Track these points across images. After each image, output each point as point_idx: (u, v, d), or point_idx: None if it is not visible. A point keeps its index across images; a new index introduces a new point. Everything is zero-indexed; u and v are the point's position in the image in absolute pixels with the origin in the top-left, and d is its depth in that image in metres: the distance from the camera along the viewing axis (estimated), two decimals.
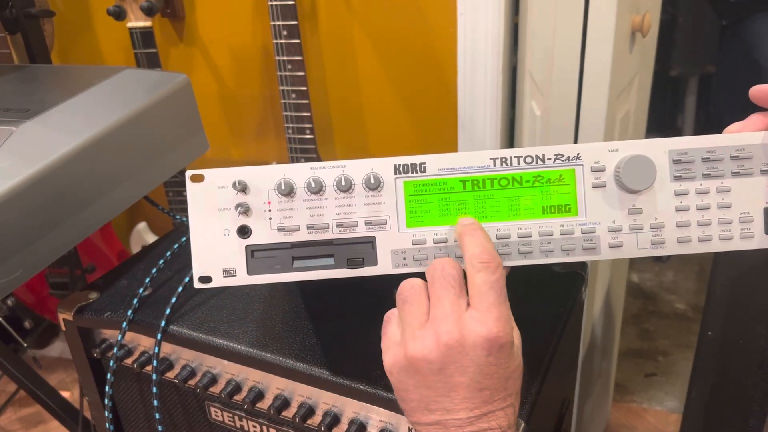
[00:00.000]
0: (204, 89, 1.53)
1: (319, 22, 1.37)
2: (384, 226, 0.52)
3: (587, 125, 1.07)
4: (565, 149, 0.52)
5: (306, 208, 0.52)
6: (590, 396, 1.45)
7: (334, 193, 0.52)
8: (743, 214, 0.52)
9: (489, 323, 0.45)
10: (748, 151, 0.51)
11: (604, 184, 0.52)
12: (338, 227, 0.52)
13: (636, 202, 0.52)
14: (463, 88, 1.29)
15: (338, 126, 1.47)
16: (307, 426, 0.66)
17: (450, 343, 0.45)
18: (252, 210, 0.52)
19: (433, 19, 1.29)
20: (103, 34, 1.57)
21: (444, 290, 0.47)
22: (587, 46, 1.01)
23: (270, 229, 0.52)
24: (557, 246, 0.52)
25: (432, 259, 0.52)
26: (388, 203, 0.52)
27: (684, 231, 0.52)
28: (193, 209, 0.52)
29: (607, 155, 0.52)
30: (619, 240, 0.52)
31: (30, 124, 0.66)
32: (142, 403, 0.78)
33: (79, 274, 1.35)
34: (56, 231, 0.65)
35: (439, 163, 0.52)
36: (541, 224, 0.52)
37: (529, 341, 0.66)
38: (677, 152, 0.51)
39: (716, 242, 0.52)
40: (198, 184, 0.52)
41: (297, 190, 0.52)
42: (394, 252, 0.52)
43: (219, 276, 0.53)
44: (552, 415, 0.76)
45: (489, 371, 0.45)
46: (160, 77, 0.79)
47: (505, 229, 0.52)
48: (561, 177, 0.52)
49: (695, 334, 1.02)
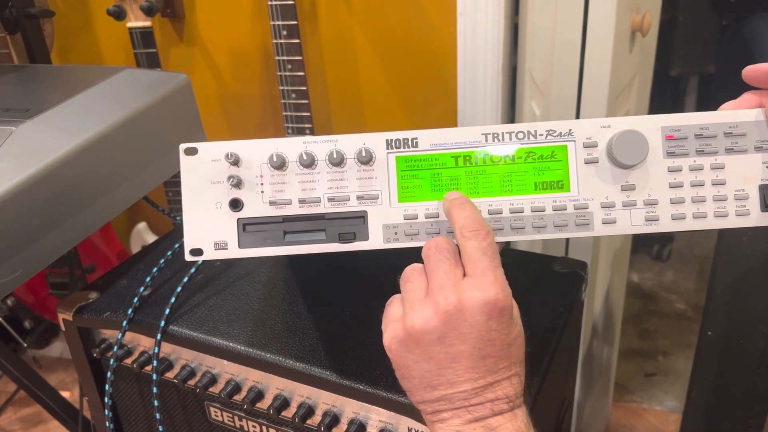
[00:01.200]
0: (204, 89, 1.53)
1: (319, 22, 1.37)
2: (375, 200, 0.52)
3: None
4: (557, 125, 0.52)
5: (298, 182, 0.52)
6: (590, 396, 1.45)
7: (326, 167, 0.52)
8: (738, 191, 0.51)
9: (486, 287, 0.44)
10: (742, 128, 0.51)
11: (596, 159, 0.52)
12: (330, 201, 0.52)
13: (629, 178, 0.51)
14: (463, 88, 1.29)
15: (338, 126, 1.47)
16: (307, 426, 0.66)
17: (448, 309, 0.44)
18: (244, 183, 0.52)
19: (433, 19, 1.29)
20: (103, 34, 1.57)
21: (438, 263, 0.47)
22: (587, 46, 1.01)
23: (262, 202, 0.52)
24: (550, 222, 0.52)
25: (424, 234, 0.52)
26: (380, 178, 0.52)
27: (678, 208, 0.51)
28: (185, 182, 0.52)
29: (599, 131, 0.52)
30: (612, 216, 0.52)
31: (30, 124, 0.66)
32: (142, 403, 0.78)
33: (79, 274, 1.35)
34: (56, 231, 0.65)
35: (431, 138, 0.52)
36: (534, 200, 0.52)
37: (529, 341, 0.66)
38: (670, 128, 0.51)
39: (711, 219, 0.51)
40: (191, 156, 0.52)
41: (289, 163, 0.52)
42: (385, 227, 0.52)
43: (210, 249, 0.53)
44: (552, 415, 0.76)
45: (490, 337, 0.45)
46: (160, 77, 0.79)
47: (497, 205, 0.52)
48: (553, 153, 0.52)
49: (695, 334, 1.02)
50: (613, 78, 1.02)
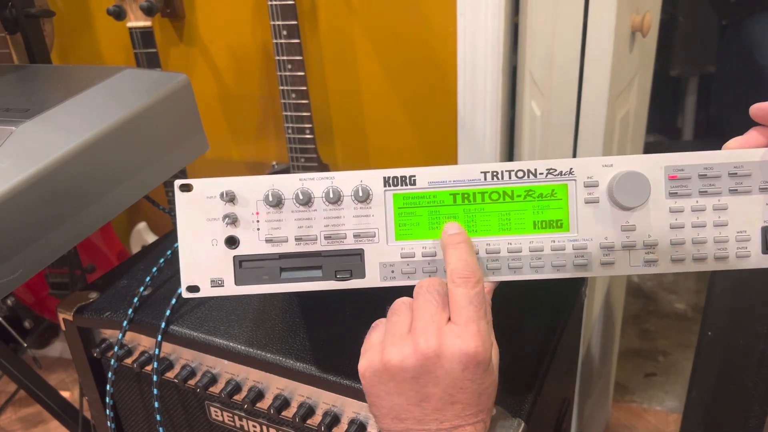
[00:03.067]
0: (204, 89, 1.53)
1: (319, 22, 1.37)
2: (372, 238, 0.52)
3: (587, 125, 1.07)
4: (558, 164, 0.51)
5: (294, 220, 0.52)
6: (590, 396, 1.45)
7: (322, 204, 0.52)
8: (740, 232, 0.50)
9: (467, 337, 0.45)
10: (747, 168, 0.50)
11: (597, 199, 0.51)
12: (326, 239, 0.52)
13: (629, 219, 0.50)
14: (463, 87, 1.29)
15: (338, 126, 1.47)
16: (307, 426, 0.66)
17: (427, 352, 0.45)
18: (240, 220, 0.52)
19: (433, 19, 1.29)
20: (103, 34, 1.57)
21: (426, 303, 0.47)
22: (587, 46, 1.01)
23: (258, 239, 0.52)
24: (548, 262, 0.51)
25: (421, 273, 0.52)
26: (377, 216, 0.52)
27: (678, 249, 0.51)
28: (181, 218, 0.52)
29: (600, 170, 0.50)
30: (611, 257, 0.51)
31: (30, 124, 0.66)
32: (142, 403, 0.78)
33: (79, 274, 1.35)
34: (56, 231, 0.65)
35: (429, 176, 0.51)
36: (532, 239, 0.52)
37: (529, 341, 0.66)
38: (673, 168, 0.50)
39: (711, 261, 0.51)
40: (187, 193, 0.52)
41: (285, 201, 0.51)
42: (382, 265, 0.52)
43: (207, 286, 0.53)
44: (552, 415, 0.76)
45: (463, 385, 0.45)
46: (160, 77, 0.79)
47: (495, 244, 0.52)
48: (553, 192, 0.51)
49: (695, 334, 1.02)
50: (613, 78, 1.02)
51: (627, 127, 1.20)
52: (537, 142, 1.18)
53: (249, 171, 1.61)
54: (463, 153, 1.35)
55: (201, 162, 1.69)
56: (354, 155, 1.49)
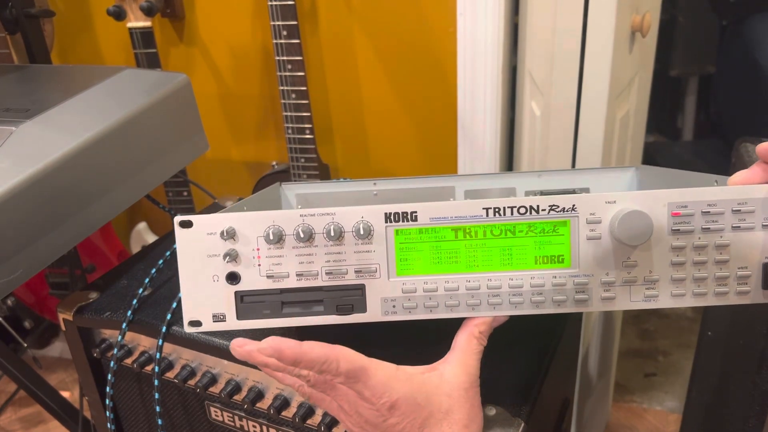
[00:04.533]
0: (204, 89, 1.53)
1: (319, 22, 1.37)
2: (374, 274, 0.52)
3: (587, 125, 1.07)
4: (561, 200, 0.50)
5: (295, 255, 0.52)
6: (590, 396, 1.45)
7: (323, 240, 0.51)
8: (741, 268, 0.50)
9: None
10: (751, 205, 0.49)
11: (599, 236, 0.50)
12: (328, 275, 0.52)
13: (631, 255, 0.50)
14: (463, 88, 1.29)
15: (338, 126, 1.47)
16: (307, 426, 0.66)
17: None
18: (241, 257, 0.52)
19: (433, 20, 1.29)
20: (103, 34, 1.57)
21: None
22: (587, 46, 1.01)
23: (259, 275, 0.52)
24: (548, 297, 0.51)
25: (422, 308, 0.52)
26: (378, 251, 0.52)
27: (678, 286, 0.50)
28: (182, 254, 0.52)
29: (603, 207, 0.50)
30: (611, 293, 0.51)
31: (30, 124, 0.66)
32: (142, 403, 0.78)
33: (79, 274, 1.35)
34: (56, 231, 0.65)
35: (430, 212, 0.51)
36: (533, 275, 0.51)
37: (530, 341, 0.66)
38: (677, 205, 0.49)
39: (711, 297, 0.51)
40: (186, 230, 0.52)
41: (286, 237, 0.51)
42: (383, 300, 0.52)
43: (209, 321, 0.53)
44: (552, 415, 0.76)
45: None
46: (160, 77, 0.79)
47: (496, 279, 0.52)
48: (555, 228, 0.51)
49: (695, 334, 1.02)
50: (613, 78, 1.02)
51: (627, 127, 1.20)
52: (537, 142, 1.18)
53: (249, 171, 1.61)
54: (463, 153, 1.35)
55: (201, 162, 1.69)
56: (354, 155, 1.49)
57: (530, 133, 1.22)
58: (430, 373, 0.51)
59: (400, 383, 0.49)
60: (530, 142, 1.23)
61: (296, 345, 0.48)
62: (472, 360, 0.52)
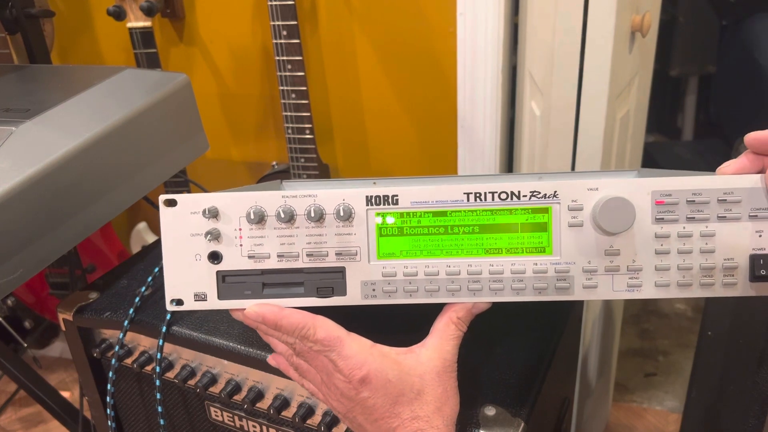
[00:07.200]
0: (204, 89, 1.53)
1: (319, 22, 1.37)
2: (354, 257, 0.52)
3: (587, 125, 1.07)
4: (542, 186, 0.50)
5: (276, 236, 0.52)
6: (590, 396, 1.45)
7: (305, 222, 0.52)
8: (727, 260, 0.49)
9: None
10: (737, 195, 0.48)
11: (581, 223, 0.50)
12: (309, 256, 0.52)
13: (613, 243, 0.49)
14: (463, 87, 1.29)
15: (338, 126, 1.47)
16: (307, 426, 0.66)
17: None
18: (223, 236, 0.52)
19: (433, 19, 1.29)
20: (103, 34, 1.57)
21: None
22: (587, 46, 1.01)
23: (240, 255, 0.52)
24: (529, 285, 0.51)
25: (402, 292, 0.52)
26: (359, 234, 0.52)
27: (663, 275, 0.50)
28: (165, 233, 0.52)
29: (585, 194, 0.49)
30: (593, 281, 0.50)
31: (30, 124, 0.66)
32: (142, 403, 0.78)
33: (79, 274, 1.35)
34: (56, 231, 0.65)
35: (411, 195, 0.51)
36: (514, 261, 0.51)
37: (529, 341, 0.66)
38: (661, 193, 0.49)
39: (696, 288, 0.49)
40: (170, 208, 0.52)
41: (268, 218, 0.52)
42: (363, 283, 0.52)
43: (190, 300, 0.53)
44: (552, 415, 0.76)
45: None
46: (160, 77, 0.79)
47: (476, 265, 0.51)
48: (536, 214, 0.51)
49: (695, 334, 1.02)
50: (613, 78, 1.02)
51: (627, 126, 1.20)
52: (537, 142, 1.18)
53: (249, 171, 1.61)
54: (463, 153, 1.35)
55: (201, 162, 1.69)
56: (354, 155, 1.49)
57: (530, 133, 1.22)
58: (406, 354, 0.52)
59: (373, 357, 0.50)
60: (530, 142, 1.23)
61: (278, 310, 0.51)
62: (448, 345, 0.52)
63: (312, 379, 0.54)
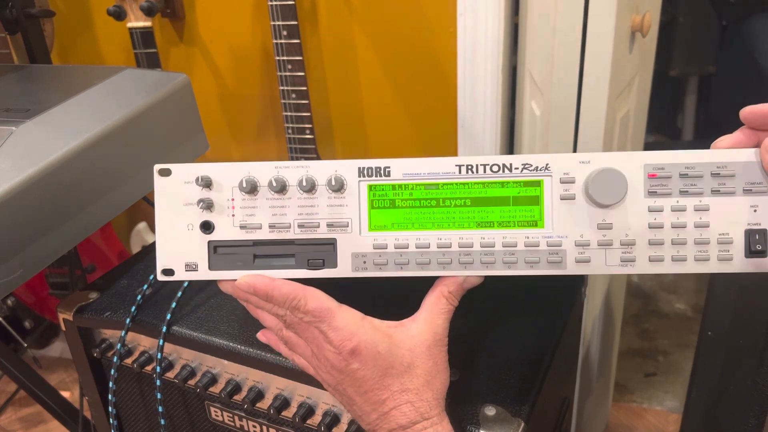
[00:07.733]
0: (204, 89, 1.53)
1: (319, 22, 1.37)
2: (345, 228, 0.52)
3: (587, 125, 1.07)
4: (534, 159, 0.50)
5: (268, 207, 0.52)
6: (590, 396, 1.45)
7: (297, 193, 0.52)
8: (722, 234, 0.48)
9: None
10: (731, 169, 0.48)
11: (573, 196, 0.49)
12: (300, 227, 0.52)
13: (606, 217, 0.49)
14: (463, 88, 1.29)
15: (338, 126, 1.47)
16: (307, 426, 0.66)
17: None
18: (215, 206, 0.52)
19: (433, 19, 1.29)
20: (103, 34, 1.57)
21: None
22: (587, 46, 1.01)
23: (232, 225, 0.52)
24: (521, 258, 0.51)
25: (392, 265, 0.52)
26: (351, 206, 0.52)
27: (656, 249, 0.49)
28: (158, 202, 0.53)
29: (577, 167, 0.49)
30: (586, 255, 0.50)
31: (30, 124, 0.66)
32: (142, 403, 0.78)
33: (79, 274, 1.35)
34: (56, 231, 0.65)
35: (403, 167, 0.51)
36: (505, 234, 0.51)
37: (529, 341, 0.66)
38: (653, 166, 0.49)
39: (691, 263, 0.49)
40: (165, 178, 0.53)
41: (260, 188, 0.52)
42: (354, 255, 0.52)
43: (181, 270, 0.53)
44: (552, 415, 0.76)
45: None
46: (160, 77, 0.79)
47: (467, 238, 0.51)
48: (528, 187, 0.50)
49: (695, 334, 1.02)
50: (613, 78, 1.02)
51: (627, 126, 1.20)
52: (537, 142, 1.18)
53: None
54: (463, 153, 1.35)
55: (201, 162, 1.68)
56: (354, 155, 1.49)
57: (530, 133, 1.22)
58: (396, 327, 0.52)
59: (364, 329, 0.50)
60: (530, 142, 1.23)
61: (269, 281, 0.51)
62: (439, 319, 0.52)
63: (302, 353, 0.54)
